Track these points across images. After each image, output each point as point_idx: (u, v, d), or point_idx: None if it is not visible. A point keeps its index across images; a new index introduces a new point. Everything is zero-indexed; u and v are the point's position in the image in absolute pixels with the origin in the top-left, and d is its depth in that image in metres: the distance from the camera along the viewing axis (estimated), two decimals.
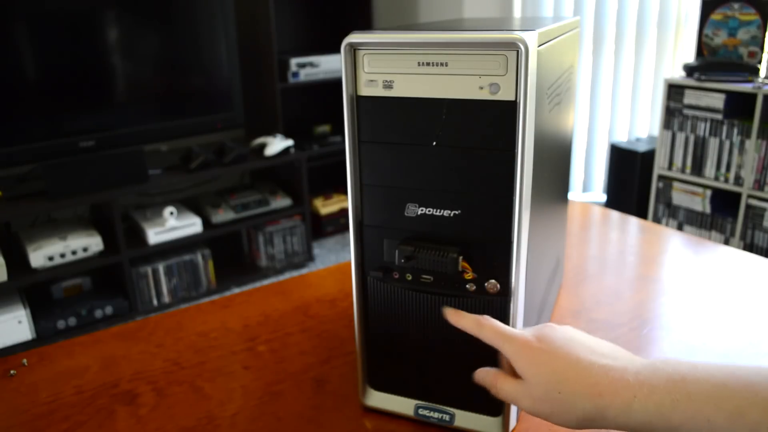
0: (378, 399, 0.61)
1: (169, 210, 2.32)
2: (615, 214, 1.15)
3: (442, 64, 0.48)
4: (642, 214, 2.72)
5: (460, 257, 0.52)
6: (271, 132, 2.72)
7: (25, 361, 0.72)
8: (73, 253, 2.13)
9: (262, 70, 2.71)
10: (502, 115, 0.47)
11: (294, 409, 0.63)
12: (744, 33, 2.37)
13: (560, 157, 0.71)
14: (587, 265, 0.94)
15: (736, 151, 2.33)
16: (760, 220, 2.29)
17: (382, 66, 0.50)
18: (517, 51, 0.45)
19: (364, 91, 0.51)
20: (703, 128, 2.41)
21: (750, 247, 2.34)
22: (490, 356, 0.55)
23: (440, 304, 0.55)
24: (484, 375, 0.49)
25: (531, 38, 0.45)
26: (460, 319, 0.50)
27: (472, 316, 0.50)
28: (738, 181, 2.34)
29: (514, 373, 0.47)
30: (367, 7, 2.95)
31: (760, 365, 0.39)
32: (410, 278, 0.55)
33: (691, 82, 2.39)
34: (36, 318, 2.11)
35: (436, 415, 0.58)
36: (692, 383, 0.39)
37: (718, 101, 2.33)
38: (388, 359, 0.60)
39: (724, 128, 2.35)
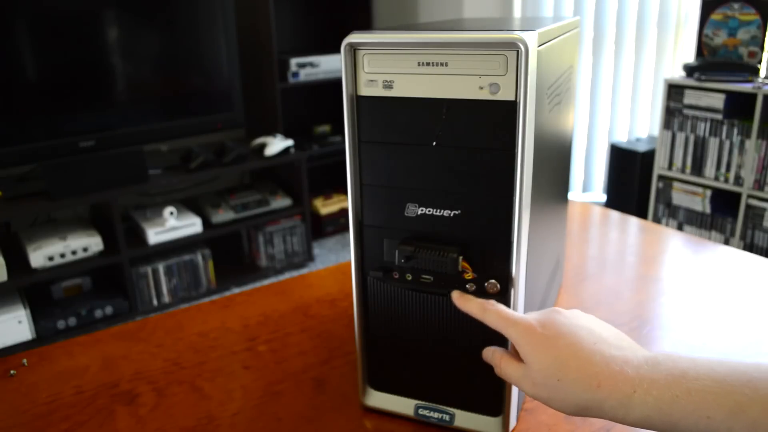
0: (378, 399, 0.61)
1: (169, 210, 2.32)
2: (615, 214, 1.15)
3: (442, 64, 0.48)
4: (642, 214, 2.72)
5: (460, 257, 0.52)
6: (271, 132, 2.72)
7: (25, 361, 0.72)
8: (73, 253, 2.13)
9: (262, 70, 2.71)
10: (502, 115, 0.47)
11: (294, 409, 0.63)
12: (744, 33, 2.37)
13: (560, 157, 0.71)
14: (587, 265, 0.94)
15: (736, 151, 2.33)
16: (760, 220, 2.29)
17: (382, 66, 0.50)
18: (517, 51, 0.45)
19: (364, 91, 0.51)
20: (703, 128, 2.41)
21: (750, 247, 2.34)
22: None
23: (440, 304, 0.55)
24: (491, 354, 0.50)
25: (531, 38, 0.45)
26: (465, 303, 0.51)
27: (477, 300, 0.50)
28: (738, 181, 2.34)
29: (518, 356, 0.47)
30: (367, 7, 2.95)
31: (761, 362, 0.39)
32: (410, 278, 0.55)
33: (691, 82, 2.39)
34: (36, 318, 2.11)
35: (436, 415, 0.58)
36: (692, 379, 0.39)
37: (718, 101, 2.33)
38: (388, 359, 0.60)
39: (724, 128, 2.35)
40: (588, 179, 3.09)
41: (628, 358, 0.41)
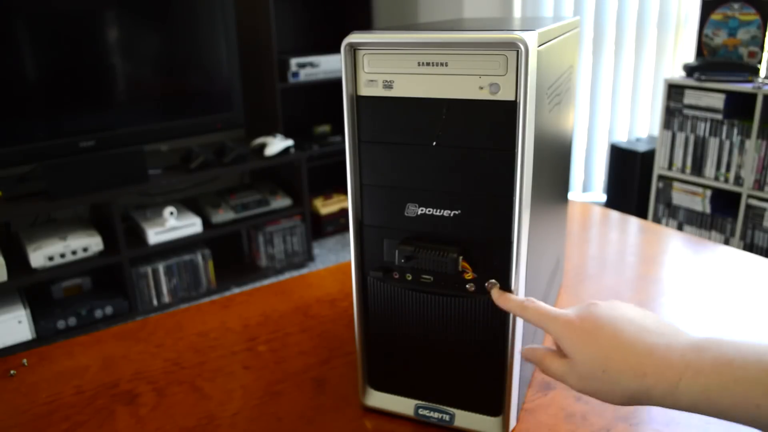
0: (378, 399, 0.61)
1: (169, 210, 2.32)
2: (615, 214, 1.15)
3: (442, 64, 0.48)
4: (642, 214, 2.72)
5: (460, 257, 0.52)
6: (271, 132, 2.72)
7: (25, 361, 0.72)
8: (73, 253, 2.13)
9: (262, 70, 2.71)
10: (502, 115, 0.47)
11: (294, 409, 0.63)
12: (744, 33, 2.37)
13: (560, 157, 0.71)
14: (587, 265, 0.94)
15: (736, 151, 2.33)
16: (760, 220, 2.29)
17: (382, 66, 0.50)
18: (517, 51, 0.45)
19: (364, 91, 0.51)
20: (703, 128, 2.41)
21: (750, 247, 2.34)
22: (490, 355, 0.55)
23: (440, 304, 0.55)
24: (532, 353, 0.50)
25: (531, 38, 0.45)
26: (506, 301, 0.51)
27: (517, 298, 0.50)
28: (738, 181, 2.34)
29: (560, 352, 0.47)
30: (367, 7, 2.95)
31: None
32: (410, 278, 0.55)
33: (691, 82, 2.39)
34: (36, 318, 2.10)
35: (436, 415, 0.58)
36: (740, 368, 0.38)
37: (718, 101, 2.33)
38: (388, 359, 0.60)
39: (724, 128, 2.35)
40: (588, 179, 3.09)
41: (671, 345, 0.41)
